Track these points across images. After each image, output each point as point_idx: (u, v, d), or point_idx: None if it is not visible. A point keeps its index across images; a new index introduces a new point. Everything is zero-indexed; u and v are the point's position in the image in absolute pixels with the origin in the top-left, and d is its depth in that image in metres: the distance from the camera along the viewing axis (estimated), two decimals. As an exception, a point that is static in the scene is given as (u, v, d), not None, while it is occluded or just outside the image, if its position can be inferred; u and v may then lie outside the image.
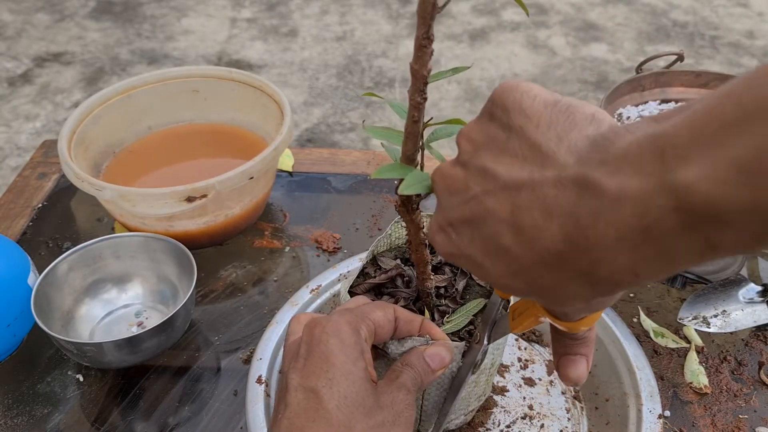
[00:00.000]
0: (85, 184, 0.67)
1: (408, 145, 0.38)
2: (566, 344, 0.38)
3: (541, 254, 0.27)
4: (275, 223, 0.81)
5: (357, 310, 0.41)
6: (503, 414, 0.58)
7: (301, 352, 0.39)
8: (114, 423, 0.59)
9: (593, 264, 0.26)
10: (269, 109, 0.80)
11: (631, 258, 0.25)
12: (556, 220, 0.26)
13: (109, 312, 0.67)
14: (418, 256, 0.47)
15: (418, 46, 0.33)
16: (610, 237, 0.24)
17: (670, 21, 2.98)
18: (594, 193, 0.25)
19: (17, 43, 2.74)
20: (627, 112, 0.76)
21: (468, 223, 0.31)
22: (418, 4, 0.31)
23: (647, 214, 0.23)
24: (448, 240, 0.32)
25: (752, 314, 0.67)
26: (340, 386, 0.37)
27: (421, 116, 0.36)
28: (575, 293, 0.28)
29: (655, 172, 0.23)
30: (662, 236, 0.23)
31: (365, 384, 0.38)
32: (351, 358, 0.38)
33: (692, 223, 0.22)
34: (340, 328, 0.39)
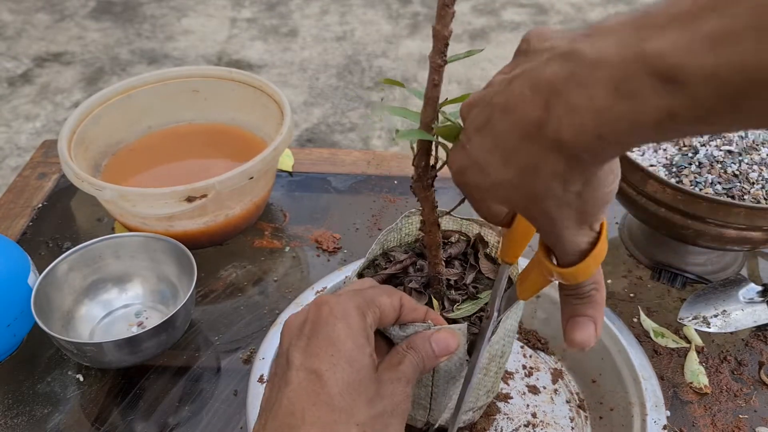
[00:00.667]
0: (85, 184, 0.67)
1: (427, 111, 0.38)
2: (573, 305, 0.38)
3: (524, 126, 0.30)
4: (275, 223, 0.81)
5: (365, 294, 0.41)
6: (506, 421, 0.58)
7: (306, 330, 0.38)
8: (114, 423, 0.59)
9: (561, 128, 0.28)
10: (269, 109, 0.80)
11: (595, 118, 0.27)
12: (540, 91, 0.29)
13: (109, 312, 0.67)
14: (431, 238, 0.47)
15: (441, 5, 0.33)
16: (581, 97, 0.27)
17: (670, 21, 2.98)
18: (574, 60, 0.27)
19: (17, 43, 2.74)
20: (627, 112, 0.76)
21: (480, 129, 0.33)
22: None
23: (617, 75, 0.25)
24: (462, 153, 0.35)
25: (752, 314, 0.67)
26: (344, 372, 0.36)
27: (440, 80, 0.36)
28: (553, 170, 0.30)
29: (631, 41, 0.25)
30: (628, 96, 0.25)
31: (369, 372, 0.37)
32: (357, 344, 0.37)
33: (658, 87, 0.24)
34: (348, 311, 0.38)
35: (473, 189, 0.35)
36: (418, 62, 2.64)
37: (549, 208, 0.32)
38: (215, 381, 0.62)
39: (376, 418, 0.37)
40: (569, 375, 0.63)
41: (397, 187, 0.87)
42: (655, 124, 0.26)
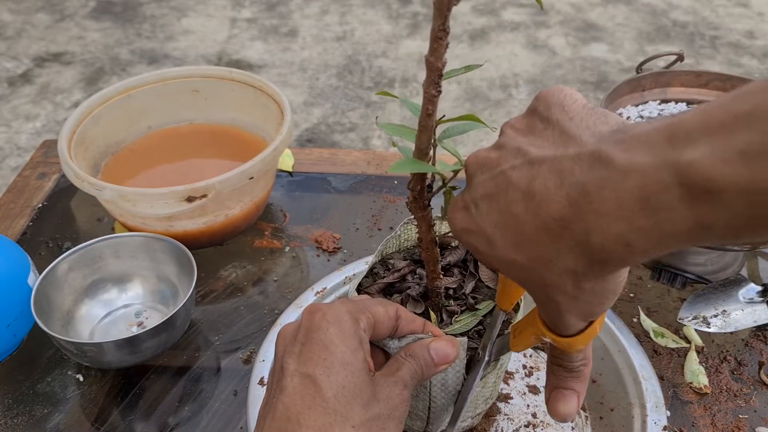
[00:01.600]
0: (85, 184, 0.67)
1: (422, 139, 0.38)
2: (560, 376, 0.39)
3: (545, 220, 0.29)
4: (275, 223, 0.81)
5: (358, 302, 0.41)
6: (506, 422, 0.58)
7: (299, 337, 0.39)
8: (114, 423, 0.59)
9: (589, 231, 0.28)
10: (269, 109, 0.80)
11: (626, 227, 0.27)
12: (566, 187, 0.28)
13: (109, 312, 0.67)
14: (428, 254, 0.47)
15: (434, 38, 0.33)
16: (611, 204, 0.27)
17: (670, 21, 2.98)
18: (605, 165, 0.27)
19: (17, 43, 2.74)
20: (627, 112, 0.76)
21: (489, 197, 0.33)
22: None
23: (649, 185, 0.25)
24: (467, 216, 0.34)
25: (752, 314, 0.67)
26: (338, 375, 0.37)
27: (434, 109, 0.36)
28: (569, 267, 0.30)
29: (663, 151, 0.25)
30: (659, 208, 0.25)
31: (363, 375, 0.38)
32: (350, 348, 0.38)
33: (689, 199, 0.24)
34: (340, 316, 0.39)
35: (479, 253, 0.35)
36: (418, 62, 2.64)
37: (555, 297, 0.33)
38: (215, 381, 0.62)
39: (371, 421, 0.37)
40: None
41: (397, 187, 0.87)
42: (686, 234, 0.25)
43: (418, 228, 0.45)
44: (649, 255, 0.28)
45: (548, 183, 0.29)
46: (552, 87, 0.34)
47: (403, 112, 2.34)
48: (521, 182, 0.31)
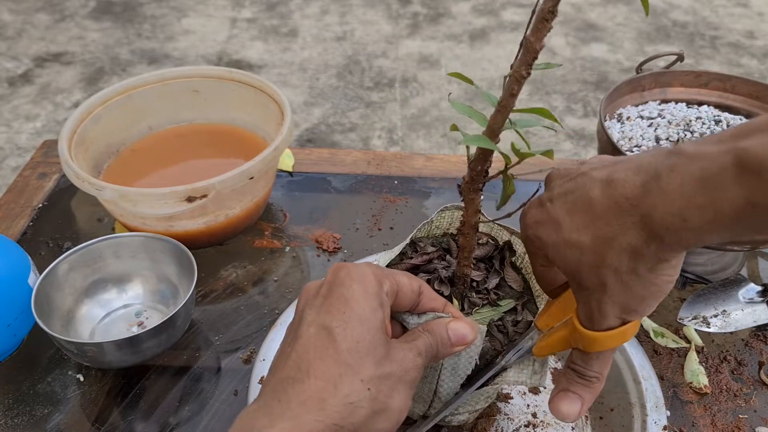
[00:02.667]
0: (86, 184, 0.67)
1: (497, 119, 0.38)
2: (571, 380, 0.41)
3: (618, 200, 0.34)
4: (275, 223, 0.81)
5: (385, 269, 0.42)
6: (506, 421, 0.58)
7: (322, 291, 0.39)
8: (114, 423, 0.59)
9: (654, 206, 0.32)
10: (269, 109, 0.80)
11: (684, 202, 0.31)
12: (642, 173, 0.33)
13: (109, 312, 0.67)
14: (466, 240, 0.47)
15: (540, 18, 0.33)
16: (676, 183, 0.31)
17: (670, 21, 2.98)
18: (677, 155, 0.32)
19: (17, 43, 2.74)
20: (627, 112, 0.76)
21: (566, 193, 0.37)
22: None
23: (710, 168, 0.30)
24: (540, 210, 0.38)
25: (752, 314, 0.67)
26: (355, 330, 0.37)
27: (519, 90, 0.36)
28: (630, 242, 0.34)
29: (728, 142, 0.30)
30: (715, 187, 0.30)
31: (379, 334, 0.38)
32: (370, 306, 0.38)
33: (742, 178, 0.29)
34: (365, 275, 0.39)
35: (541, 243, 0.38)
36: (418, 62, 2.64)
37: (606, 280, 0.35)
38: (215, 381, 0.62)
39: (382, 379, 0.37)
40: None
41: (397, 187, 0.87)
42: (735, 212, 0.30)
43: (464, 211, 0.45)
44: (702, 235, 0.31)
45: (628, 172, 0.34)
46: None
47: (404, 112, 2.34)
48: (602, 175, 0.35)
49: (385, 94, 2.44)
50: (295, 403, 0.35)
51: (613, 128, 0.73)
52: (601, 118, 0.69)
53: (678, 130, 0.70)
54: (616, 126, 0.74)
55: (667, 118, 0.73)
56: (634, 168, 0.34)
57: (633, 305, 0.36)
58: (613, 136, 0.71)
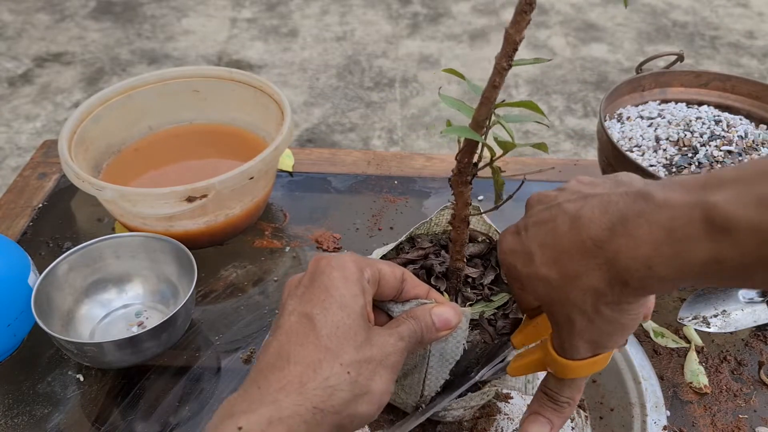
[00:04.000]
0: (86, 184, 0.67)
1: (481, 111, 0.38)
2: (543, 404, 0.41)
3: (584, 239, 0.34)
4: (275, 223, 0.81)
5: (366, 258, 0.42)
6: (506, 421, 0.58)
7: (303, 281, 0.40)
8: (114, 423, 0.59)
9: (619, 252, 0.32)
10: (269, 109, 0.80)
11: (651, 251, 0.31)
12: (608, 215, 0.33)
13: (109, 312, 0.67)
14: (458, 234, 0.47)
15: (519, 11, 0.34)
16: (643, 231, 0.31)
17: (670, 21, 2.98)
18: (645, 199, 0.32)
19: (17, 43, 2.74)
20: (627, 112, 0.76)
21: (540, 223, 0.37)
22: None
23: (678, 218, 0.30)
24: (516, 238, 0.38)
25: (752, 314, 0.67)
26: (335, 315, 0.37)
27: (501, 82, 0.37)
28: (593, 284, 0.34)
29: (697, 193, 0.30)
30: (682, 239, 0.30)
31: (360, 319, 0.38)
32: (351, 292, 0.39)
33: (709, 233, 0.29)
34: (345, 263, 0.40)
35: (515, 272, 0.38)
36: (418, 62, 2.64)
37: (573, 316, 0.36)
38: (215, 381, 0.62)
39: (362, 363, 0.37)
40: None
41: (397, 187, 0.87)
42: (701, 265, 0.30)
43: (454, 204, 0.46)
44: (665, 283, 0.32)
45: (594, 210, 0.34)
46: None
47: (404, 112, 2.34)
48: (571, 209, 0.35)
49: (384, 95, 2.44)
50: (274, 388, 0.35)
51: (613, 128, 0.73)
52: (601, 118, 0.69)
53: (678, 130, 0.70)
54: (616, 126, 0.74)
55: (667, 118, 0.73)
56: (601, 207, 0.34)
57: (601, 341, 0.36)
58: (613, 136, 0.71)
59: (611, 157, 0.67)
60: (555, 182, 0.87)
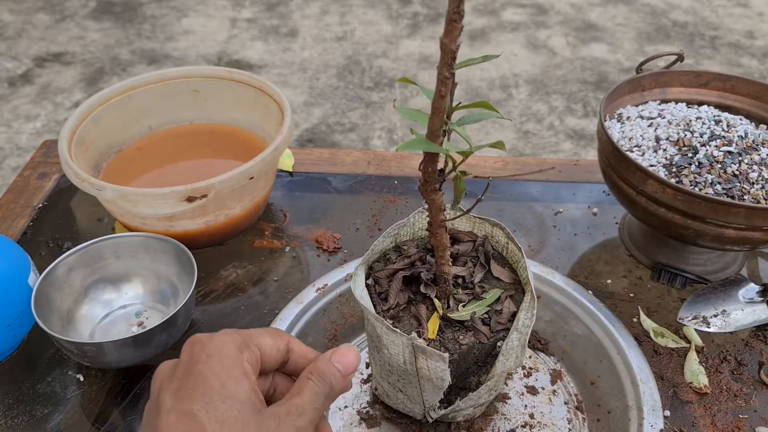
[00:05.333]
0: (86, 184, 0.67)
1: (434, 121, 0.39)
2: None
3: None
4: (275, 223, 0.81)
5: (244, 332, 0.39)
6: (503, 421, 0.58)
7: (177, 372, 0.36)
8: (114, 423, 0.59)
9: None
10: (269, 109, 0.80)
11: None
12: None
13: (109, 312, 0.67)
14: (437, 240, 0.47)
15: (449, 20, 0.34)
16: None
17: (670, 21, 2.98)
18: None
19: (17, 43, 2.74)
20: (627, 112, 0.76)
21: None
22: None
23: None
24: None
25: (752, 314, 0.67)
26: (218, 410, 0.34)
27: (447, 91, 0.37)
28: None
29: None
30: None
31: (246, 408, 0.35)
32: (232, 380, 0.35)
33: None
34: (221, 347, 0.36)
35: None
36: (418, 62, 2.64)
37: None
38: (215, 381, 0.62)
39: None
40: (568, 376, 0.63)
41: (397, 187, 0.87)
42: None
43: (428, 212, 0.45)
44: None
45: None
46: None
47: (403, 112, 2.34)
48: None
49: (384, 95, 2.44)
50: None
51: (613, 128, 0.73)
52: (601, 118, 0.69)
53: (678, 130, 0.70)
54: (616, 126, 0.74)
55: (667, 118, 0.73)
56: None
57: None
58: (613, 136, 0.71)
59: (611, 157, 0.67)
60: (555, 182, 0.87)
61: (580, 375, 0.63)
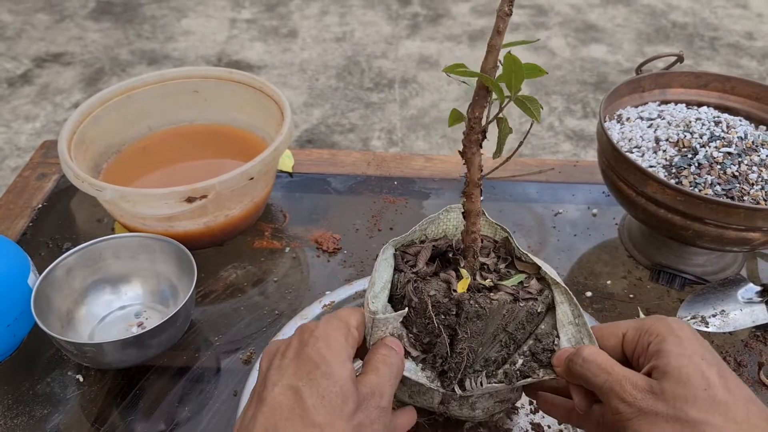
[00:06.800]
0: (85, 185, 0.67)
1: (488, 60, 0.39)
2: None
3: None
4: (275, 223, 0.81)
5: (342, 317, 0.43)
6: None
7: (288, 353, 0.39)
8: (114, 423, 0.59)
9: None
10: (269, 109, 0.80)
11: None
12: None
13: (109, 312, 0.67)
14: (472, 204, 0.47)
15: None
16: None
17: (670, 22, 2.98)
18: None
19: (17, 44, 2.74)
20: (627, 113, 0.76)
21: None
22: None
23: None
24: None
25: (751, 314, 0.67)
26: (320, 386, 0.37)
27: (504, 28, 0.38)
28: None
29: None
30: None
31: (347, 386, 0.37)
32: (338, 361, 0.38)
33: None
34: (329, 333, 0.40)
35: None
36: (417, 63, 2.64)
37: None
38: (215, 381, 0.62)
39: (358, 428, 0.36)
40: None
41: (397, 187, 0.87)
42: None
43: (466, 171, 0.45)
44: None
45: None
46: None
47: (404, 113, 2.34)
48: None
49: (384, 95, 2.44)
50: None
51: (612, 129, 0.73)
52: (600, 119, 0.69)
53: (678, 131, 0.70)
54: (616, 127, 0.74)
55: (667, 119, 0.73)
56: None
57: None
58: (613, 137, 0.72)
59: (611, 158, 0.67)
60: (555, 183, 0.87)
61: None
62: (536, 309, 0.49)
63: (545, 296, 0.50)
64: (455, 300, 0.47)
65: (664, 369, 0.38)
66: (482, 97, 0.42)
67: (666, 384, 0.38)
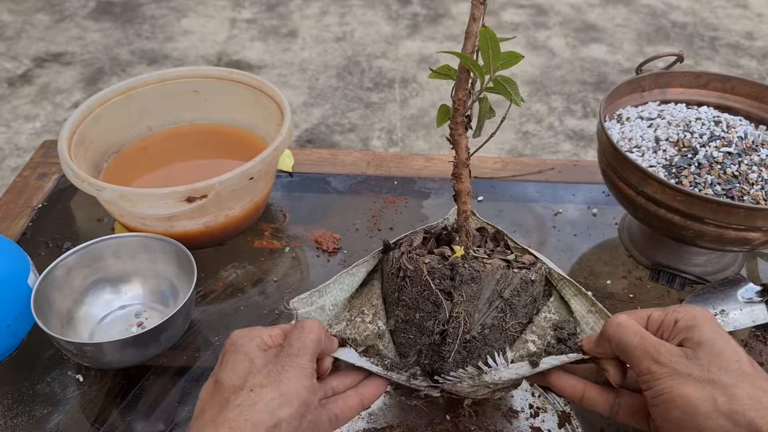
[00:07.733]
0: (85, 185, 0.67)
1: (467, 45, 0.42)
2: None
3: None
4: (275, 223, 0.81)
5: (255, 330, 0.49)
6: None
7: (222, 359, 0.47)
8: (114, 423, 0.59)
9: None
10: (269, 109, 0.80)
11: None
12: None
13: (108, 312, 0.67)
14: (461, 184, 0.49)
15: None
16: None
17: (670, 22, 2.98)
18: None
19: (17, 44, 2.74)
20: (627, 112, 0.76)
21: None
22: None
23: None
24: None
25: (751, 314, 0.67)
26: (231, 364, 0.44)
27: (480, 16, 0.40)
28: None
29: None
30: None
31: (257, 352, 0.45)
32: (255, 346, 0.46)
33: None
34: (244, 334, 0.47)
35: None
36: (417, 63, 2.64)
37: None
38: (215, 381, 0.62)
39: (267, 366, 0.44)
40: (577, 420, 0.58)
41: (397, 187, 0.87)
42: None
43: (454, 152, 0.47)
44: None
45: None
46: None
47: (404, 112, 2.34)
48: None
49: (384, 95, 2.44)
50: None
51: (612, 129, 0.73)
52: (600, 118, 0.69)
53: (678, 130, 0.70)
54: (616, 127, 0.74)
55: (667, 119, 0.73)
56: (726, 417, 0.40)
57: None
58: (613, 137, 0.72)
59: (611, 158, 0.67)
60: (555, 183, 0.87)
61: (589, 420, 0.59)
62: (529, 277, 0.50)
63: (538, 267, 0.51)
64: (450, 264, 0.48)
65: (699, 340, 0.43)
66: (464, 79, 0.44)
67: (701, 352, 0.42)
